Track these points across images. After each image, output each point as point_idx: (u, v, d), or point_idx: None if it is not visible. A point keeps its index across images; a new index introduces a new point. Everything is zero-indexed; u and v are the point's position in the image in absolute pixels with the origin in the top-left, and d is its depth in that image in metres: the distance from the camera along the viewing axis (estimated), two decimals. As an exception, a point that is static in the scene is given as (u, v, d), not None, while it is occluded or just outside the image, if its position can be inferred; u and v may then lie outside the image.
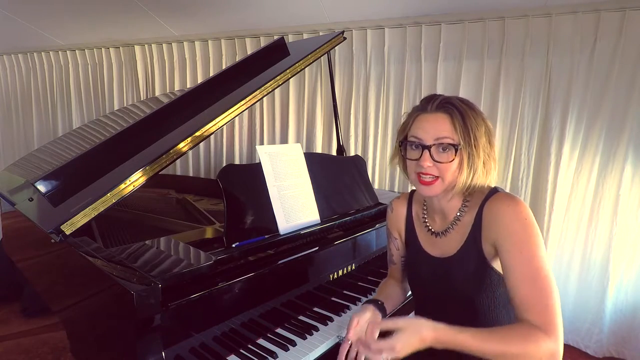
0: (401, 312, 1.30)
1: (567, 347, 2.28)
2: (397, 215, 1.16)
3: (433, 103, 0.93)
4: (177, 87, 3.21)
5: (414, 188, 1.10)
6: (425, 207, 1.10)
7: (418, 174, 0.93)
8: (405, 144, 0.96)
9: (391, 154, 1.07)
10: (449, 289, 1.00)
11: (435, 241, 1.04)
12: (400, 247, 1.17)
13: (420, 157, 0.91)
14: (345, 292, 1.42)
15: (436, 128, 0.91)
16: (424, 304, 1.13)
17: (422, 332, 0.81)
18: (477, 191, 0.97)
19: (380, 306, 1.06)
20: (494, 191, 0.95)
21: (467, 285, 0.96)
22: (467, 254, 0.96)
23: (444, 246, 1.02)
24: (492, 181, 0.96)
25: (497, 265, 0.93)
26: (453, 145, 0.89)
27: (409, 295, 1.42)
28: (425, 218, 1.08)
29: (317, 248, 1.31)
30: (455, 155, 0.90)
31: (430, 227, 1.06)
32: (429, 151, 0.91)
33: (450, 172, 0.91)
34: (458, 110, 0.90)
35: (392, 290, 1.19)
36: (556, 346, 0.80)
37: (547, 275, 0.82)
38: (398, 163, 1.05)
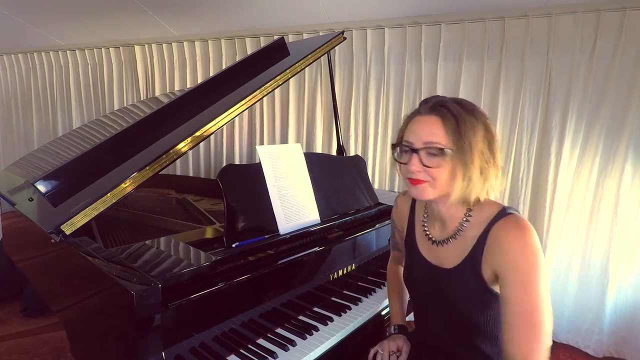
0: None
1: (567, 347, 2.28)
2: (401, 212, 1.14)
3: (426, 105, 0.89)
4: (177, 87, 3.21)
5: None
6: (426, 212, 1.06)
7: (407, 177, 0.90)
8: (397, 148, 0.93)
9: (391, 159, 1.05)
10: (443, 299, 0.97)
11: (431, 248, 1.01)
12: (404, 238, 1.15)
13: (409, 161, 0.88)
14: (345, 292, 1.43)
15: (426, 131, 0.86)
16: (420, 307, 1.11)
17: None
18: (483, 205, 0.92)
19: (405, 331, 1.15)
20: (503, 213, 0.89)
21: (462, 301, 0.93)
22: (465, 271, 0.92)
23: (441, 256, 0.98)
24: (494, 190, 0.91)
25: (495, 287, 0.89)
26: (442, 149, 0.84)
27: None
28: (425, 224, 1.04)
29: (317, 248, 1.31)
30: (445, 161, 0.85)
31: (429, 234, 1.02)
32: (418, 155, 0.87)
33: (442, 179, 0.87)
34: (452, 113, 0.85)
35: (402, 286, 1.21)
36: None
37: (538, 312, 0.81)
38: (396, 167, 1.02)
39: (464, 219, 0.94)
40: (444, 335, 1.01)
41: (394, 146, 0.95)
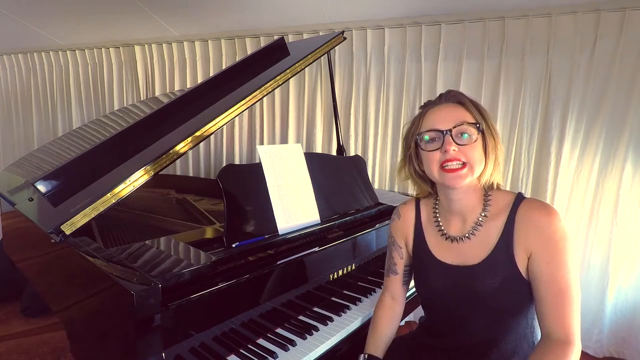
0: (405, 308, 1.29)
1: (567, 347, 2.28)
2: (406, 221, 1.09)
3: (445, 96, 0.94)
4: (177, 87, 3.21)
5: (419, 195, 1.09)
6: (436, 210, 1.03)
7: (442, 166, 0.89)
8: (419, 142, 0.93)
9: (398, 166, 1.03)
10: (471, 300, 0.93)
11: (450, 247, 0.98)
12: (405, 256, 1.11)
13: (442, 144, 0.88)
14: (345, 292, 1.42)
15: (453, 115, 0.89)
16: (439, 314, 1.05)
17: None
18: (497, 194, 0.95)
19: None
20: (521, 196, 0.93)
21: (495, 295, 0.90)
22: (495, 262, 0.90)
23: (464, 253, 0.95)
24: (499, 179, 0.96)
25: (524, 271, 0.89)
26: (475, 124, 0.88)
27: (412, 292, 1.42)
28: (439, 222, 1.02)
29: (317, 248, 1.31)
30: (478, 135, 0.88)
31: (445, 232, 0.99)
32: (451, 135, 0.87)
33: (477, 157, 0.88)
34: (470, 101, 0.92)
35: (386, 326, 1.12)
36: (578, 352, 0.84)
37: (572, 288, 0.84)
38: (408, 172, 1.01)
39: (484, 209, 0.95)
40: (464, 332, 0.98)
41: (412, 144, 0.96)
